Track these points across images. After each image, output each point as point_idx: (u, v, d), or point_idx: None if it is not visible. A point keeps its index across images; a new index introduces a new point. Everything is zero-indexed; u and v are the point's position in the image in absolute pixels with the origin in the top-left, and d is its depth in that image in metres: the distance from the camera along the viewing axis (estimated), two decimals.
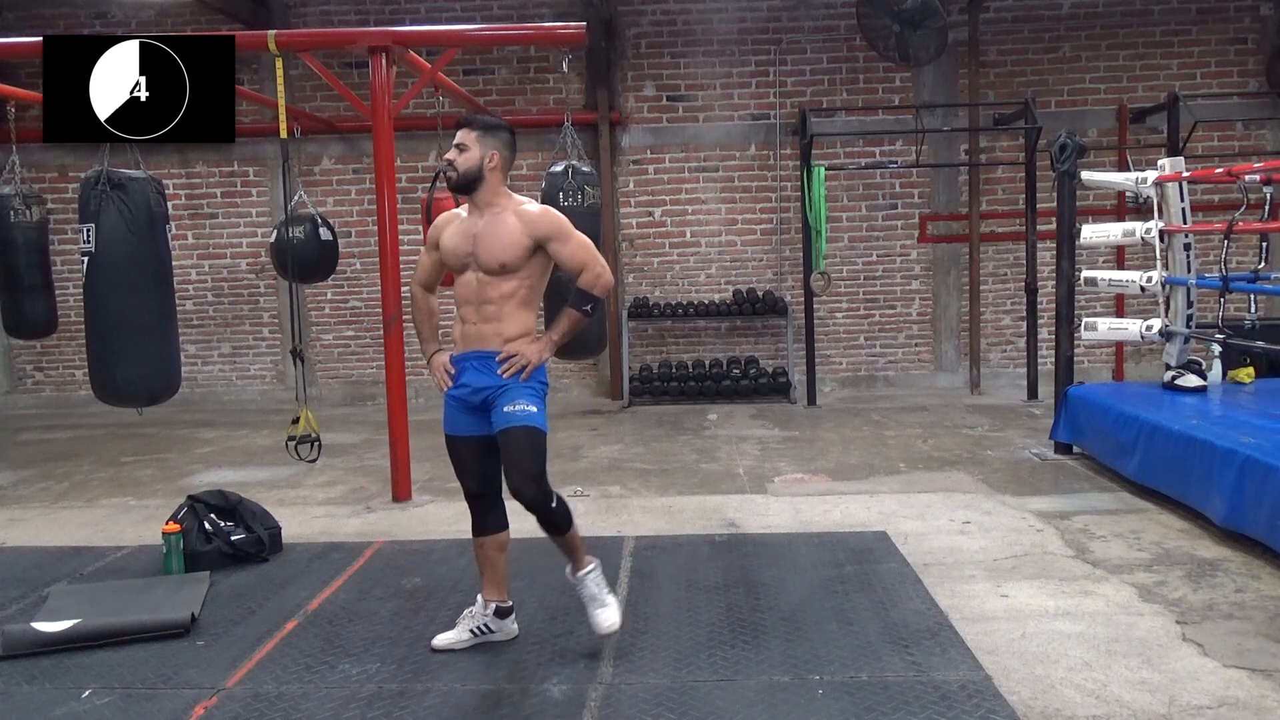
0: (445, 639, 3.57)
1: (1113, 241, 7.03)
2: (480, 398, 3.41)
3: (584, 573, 3.54)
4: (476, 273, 3.42)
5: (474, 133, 3.49)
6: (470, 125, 3.51)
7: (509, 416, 3.34)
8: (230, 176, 9.89)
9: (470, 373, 3.43)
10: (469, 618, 3.60)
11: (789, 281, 9.71)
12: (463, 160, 3.46)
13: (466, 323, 3.46)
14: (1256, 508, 4.32)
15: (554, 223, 3.45)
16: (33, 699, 3.24)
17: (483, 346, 3.41)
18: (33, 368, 10.17)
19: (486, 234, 3.41)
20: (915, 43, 8.47)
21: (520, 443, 3.33)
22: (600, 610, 3.50)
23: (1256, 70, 9.47)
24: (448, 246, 3.49)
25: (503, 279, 3.40)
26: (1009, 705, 3.01)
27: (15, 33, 8.64)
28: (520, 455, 3.33)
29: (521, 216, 3.44)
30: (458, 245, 3.46)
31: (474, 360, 3.42)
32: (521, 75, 9.70)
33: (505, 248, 3.38)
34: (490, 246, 3.39)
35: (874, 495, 5.70)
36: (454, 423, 3.49)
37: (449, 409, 3.50)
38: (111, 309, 5.13)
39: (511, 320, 3.43)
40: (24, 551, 4.98)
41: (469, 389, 3.42)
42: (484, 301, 3.42)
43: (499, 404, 3.36)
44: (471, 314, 3.45)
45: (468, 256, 3.42)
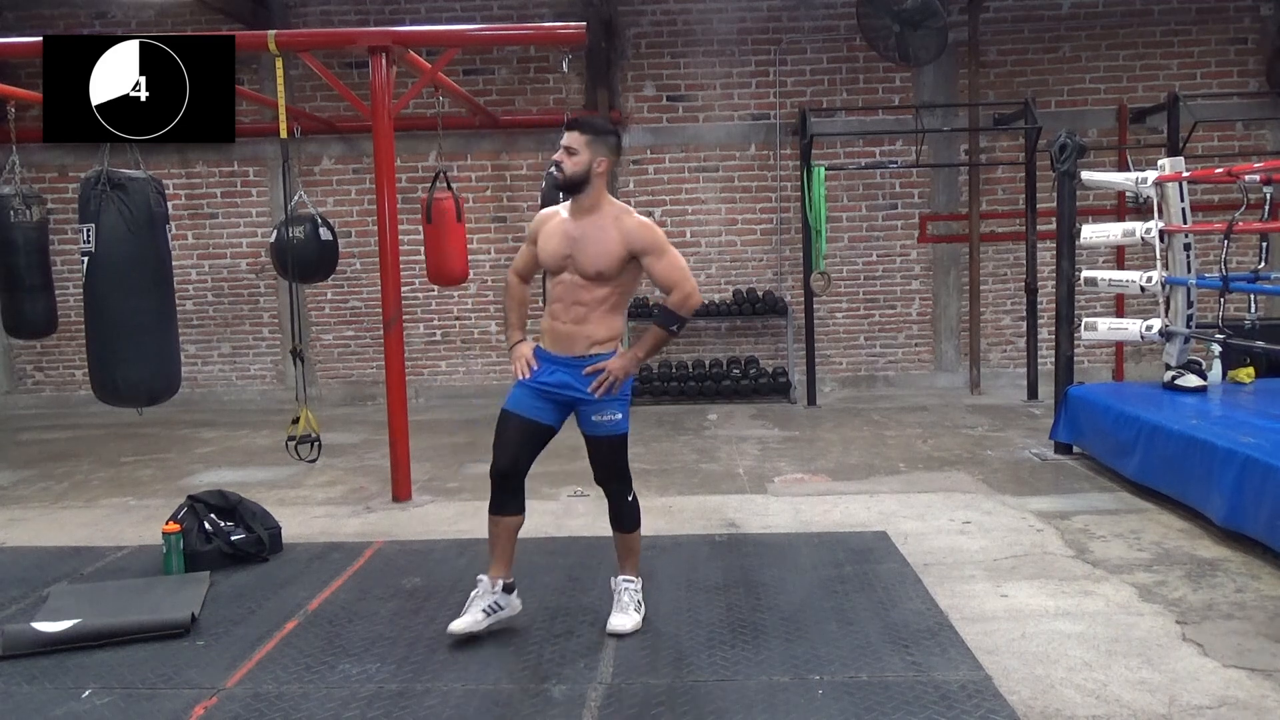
0: (462, 624, 3.58)
1: (1113, 241, 7.03)
2: (563, 395, 3.58)
3: (627, 580, 3.75)
4: (573, 275, 3.52)
5: (584, 137, 3.50)
6: (580, 129, 3.53)
7: (598, 426, 3.60)
8: (230, 176, 9.89)
9: (561, 373, 3.58)
10: (479, 599, 3.65)
11: (789, 281, 9.71)
12: (571, 164, 3.49)
13: (556, 319, 3.58)
14: (1256, 508, 4.32)
15: (651, 238, 3.53)
16: (33, 699, 3.24)
17: (571, 350, 3.55)
18: (33, 368, 10.17)
19: (586, 241, 3.50)
20: (915, 43, 8.47)
21: (610, 449, 3.65)
22: (620, 615, 3.67)
23: (1256, 70, 9.47)
24: (546, 247, 3.59)
25: (597, 285, 3.51)
26: (1009, 705, 3.01)
27: (15, 33, 8.64)
28: (609, 460, 3.67)
29: (621, 228, 3.51)
30: (557, 247, 3.55)
31: (565, 366, 3.57)
32: (521, 75, 9.70)
33: (603, 257, 3.48)
34: (589, 254, 3.48)
35: (874, 495, 5.70)
36: (519, 402, 3.61)
37: (521, 390, 3.62)
38: (111, 309, 5.13)
39: (600, 324, 3.55)
40: (24, 551, 4.98)
41: (554, 386, 3.58)
42: (576, 303, 3.53)
43: (588, 413, 3.59)
44: (562, 312, 3.56)
45: (565, 260, 3.53)
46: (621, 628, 3.61)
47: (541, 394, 3.58)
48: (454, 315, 9.93)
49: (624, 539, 3.75)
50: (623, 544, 3.76)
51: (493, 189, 9.79)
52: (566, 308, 3.54)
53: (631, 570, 3.77)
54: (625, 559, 3.77)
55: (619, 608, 3.69)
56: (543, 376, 3.59)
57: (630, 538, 3.74)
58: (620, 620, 3.64)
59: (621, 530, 3.74)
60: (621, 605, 3.69)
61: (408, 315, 8.86)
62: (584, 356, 3.54)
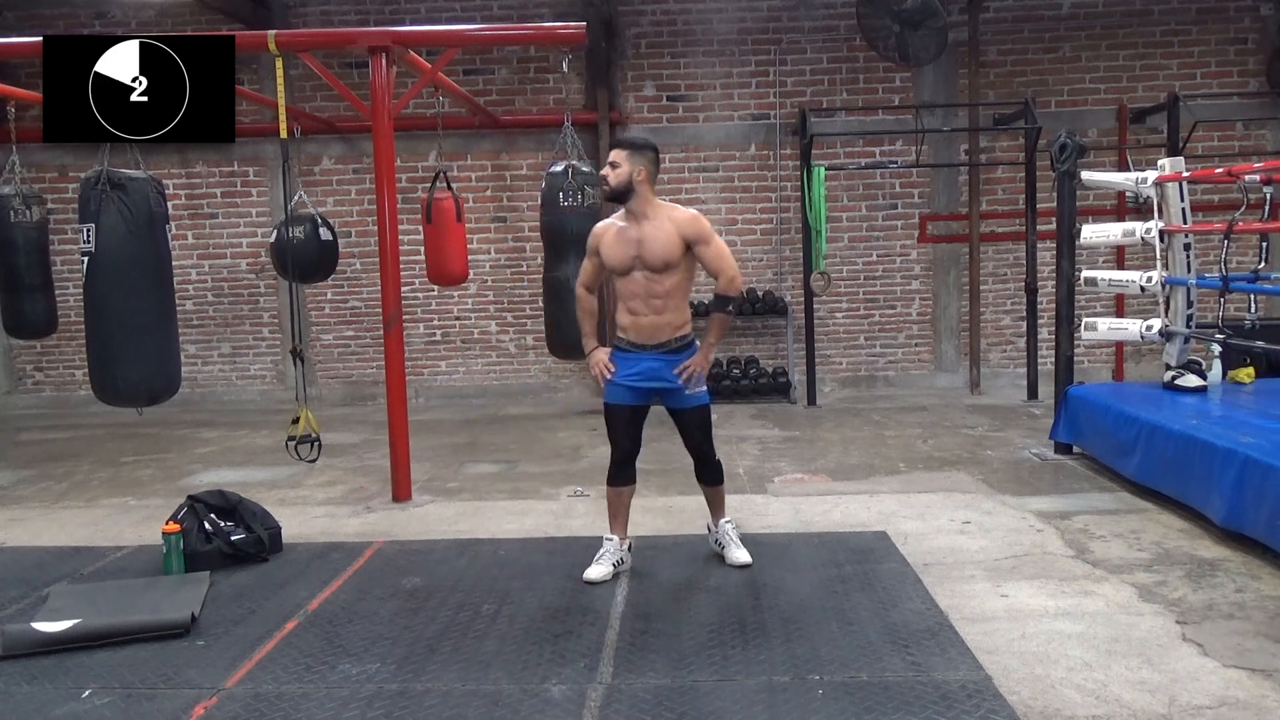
0: (596, 573, 4.24)
1: (1113, 241, 7.03)
2: (654, 384, 4.17)
3: (726, 520, 4.52)
4: (643, 272, 4.08)
5: (624, 152, 4.10)
6: (620, 145, 4.16)
7: (692, 399, 4.20)
8: (230, 176, 9.89)
9: (648, 362, 4.15)
10: (609, 554, 4.31)
11: (789, 281, 9.71)
12: (614, 176, 4.09)
13: (637, 314, 4.14)
14: (1256, 508, 4.32)
15: (701, 228, 4.12)
16: (33, 699, 3.24)
17: (656, 338, 4.14)
18: (33, 368, 10.17)
19: (649, 239, 4.07)
20: (915, 43, 8.47)
21: (703, 417, 4.29)
22: (738, 549, 4.41)
23: (1256, 70, 9.47)
24: (613, 253, 4.13)
25: (666, 275, 4.08)
26: (1009, 705, 3.01)
27: (15, 33, 8.63)
28: (703, 425, 4.31)
29: (675, 221, 4.10)
30: (623, 251, 4.11)
31: (653, 355, 4.15)
32: (521, 75, 9.70)
33: (666, 248, 4.05)
34: (654, 250, 4.06)
35: (874, 495, 5.70)
36: (620, 395, 4.21)
37: (616, 386, 4.20)
38: (111, 309, 5.13)
39: (675, 311, 4.16)
40: (24, 551, 4.97)
41: (643, 377, 4.16)
42: (651, 296, 4.10)
43: (681, 390, 4.15)
44: (641, 307, 4.13)
45: (634, 260, 4.09)
46: (745, 559, 4.36)
47: (632, 388, 4.17)
48: (454, 315, 9.93)
49: (715, 491, 4.48)
50: (715, 495, 4.49)
51: (493, 189, 9.79)
52: (644, 302, 4.11)
53: (723, 512, 4.54)
54: (719, 505, 4.52)
55: (734, 545, 4.42)
56: (631, 370, 4.16)
57: (720, 489, 4.51)
58: (740, 554, 4.38)
59: (714, 484, 4.46)
60: (734, 542, 4.44)
61: (408, 315, 8.86)
62: (668, 343, 4.14)
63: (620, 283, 4.16)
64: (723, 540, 4.48)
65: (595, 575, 4.24)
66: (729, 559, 4.39)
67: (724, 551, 4.45)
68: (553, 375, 9.93)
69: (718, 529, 4.52)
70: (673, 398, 4.20)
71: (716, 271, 4.11)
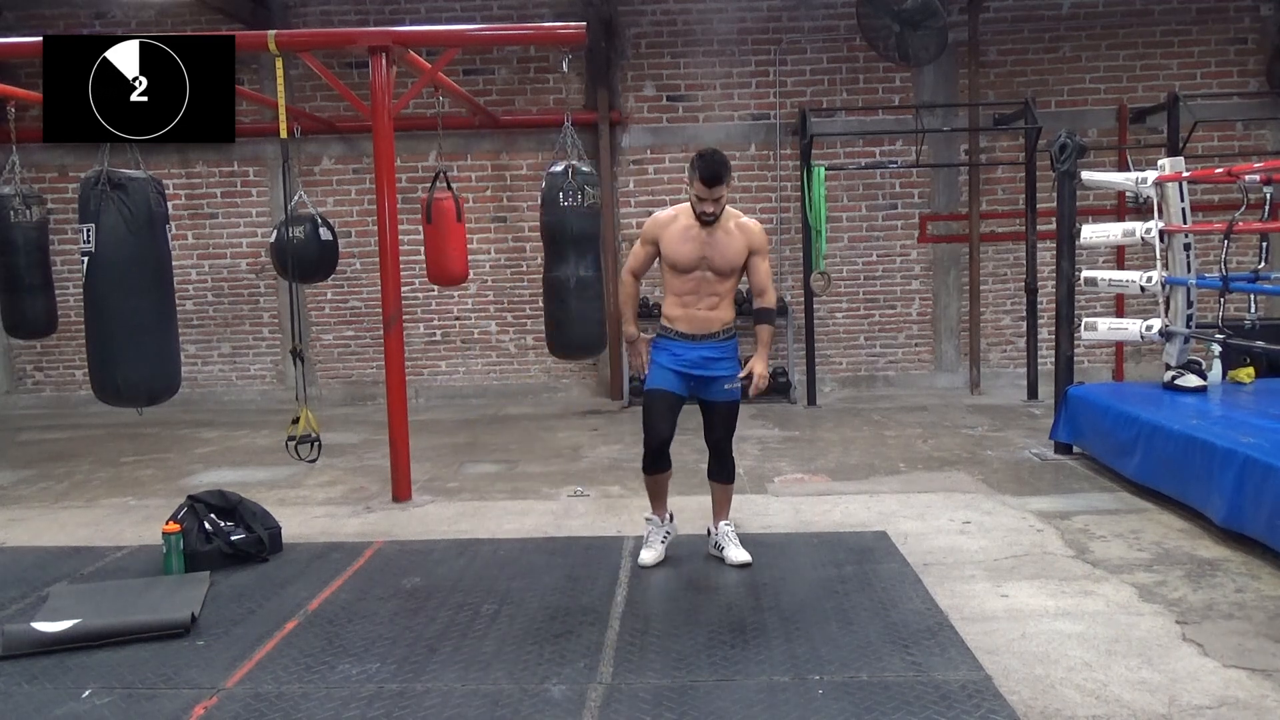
0: (650, 556, 4.44)
1: (1113, 241, 7.03)
2: (699, 371, 4.30)
3: (727, 523, 4.56)
4: (705, 273, 4.25)
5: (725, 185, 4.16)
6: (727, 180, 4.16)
7: (730, 392, 4.35)
8: (230, 176, 9.89)
9: (700, 351, 4.29)
10: (655, 535, 4.54)
11: (789, 281, 9.71)
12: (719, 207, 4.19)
13: (690, 307, 4.29)
14: (1256, 508, 4.32)
15: (764, 241, 4.36)
16: (33, 699, 3.24)
17: (708, 329, 4.30)
18: (33, 368, 10.17)
19: (720, 245, 4.23)
20: (915, 43, 8.47)
21: (732, 411, 4.43)
22: (738, 549, 4.43)
23: (1256, 70, 9.47)
24: (679, 251, 4.24)
25: (725, 279, 4.28)
26: (1009, 705, 3.01)
27: (15, 33, 8.63)
28: (730, 419, 4.44)
29: (745, 230, 4.29)
30: (691, 252, 4.23)
31: (705, 344, 4.31)
32: (521, 75, 9.70)
33: (735, 256, 4.25)
34: (725, 256, 4.24)
35: (874, 495, 5.70)
36: (664, 380, 4.33)
37: (663, 371, 4.33)
38: (111, 309, 5.12)
39: (727, 310, 4.34)
40: (24, 551, 4.98)
41: (692, 364, 4.29)
42: (711, 294, 4.28)
43: (721, 382, 4.32)
44: (696, 301, 4.28)
45: (701, 261, 4.23)
46: (744, 558, 4.38)
47: (678, 373, 4.30)
48: (454, 315, 9.93)
49: (726, 489, 4.58)
50: (724, 493, 4.58)
51: (493, 189, 9.79)
52: (700, 298, 4.27)
53: (727, 514, 4.59)
54: (725, 505, 4.59)
55: (732, 543, 4.45)
56: (683, 355, 4.29)
57: (730, 487, 4.61)
58: (740, 553, 4.40)
59: (726, 480, 4.56)
60: (735, 542, 4.46)
61: (408, 315, 8.86)
62: (718, 334, 4.30)
63: (675, 278, 4.29)
64: (722, 542, 4.49)
65: (649, 559, 4.41)
66: (729, 558, 4.41)
67: (723, 553, 4.46)
68: (553, 375, 9.93)
69: (718, 531, 4.54)
70: (710, 389, 4.33)
71: (763, 288, 4.34)
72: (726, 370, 4.33)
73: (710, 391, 4.35)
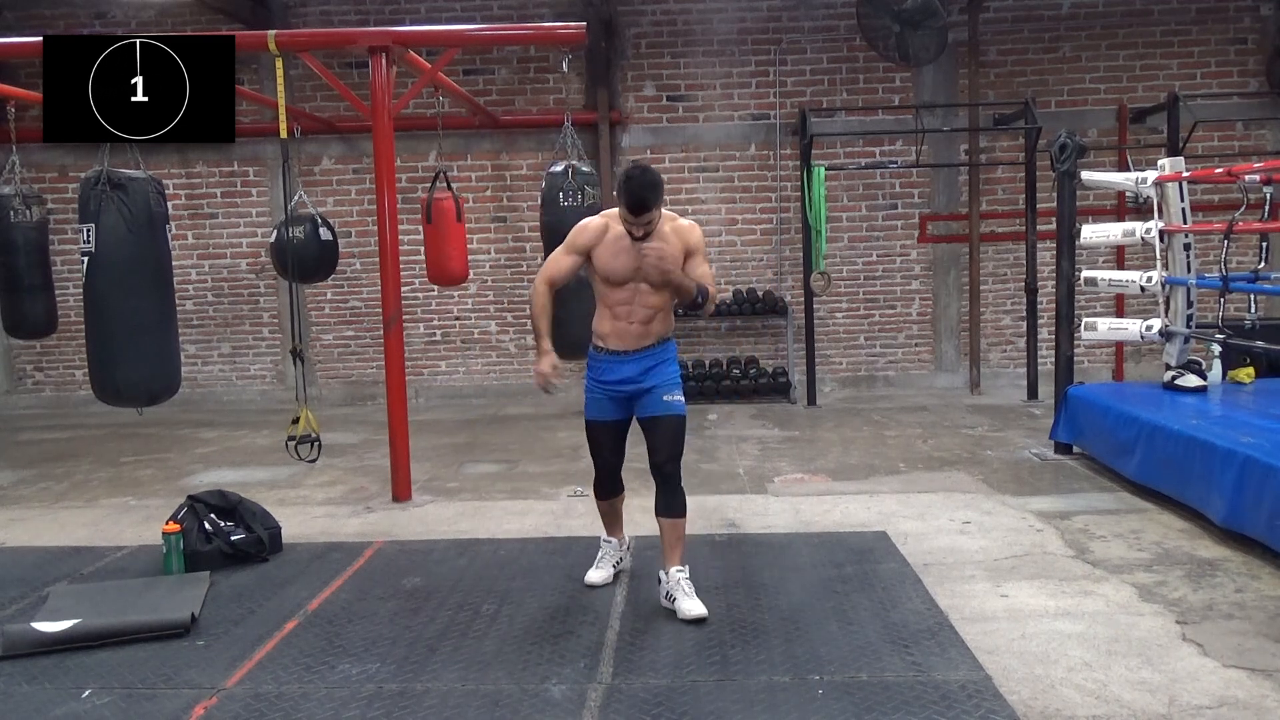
0: (597, 576, 4.21)
1: (1113, 241, 7.02)
2: (632, 387, 3.91)
3: (680, 569, 3.89)
4: (640, 285, 3.82)
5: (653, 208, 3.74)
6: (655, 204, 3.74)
7: (668, 405, 3.90)
8: (230, 176, 9.89)
9: (629, 367, 3.90)
10: (608, 556, 4.27)
11: (789, 281, 9.71)
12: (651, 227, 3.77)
13: (622, 320, 3.89)
14: (1256, 508, 4.32)
15: (700, 238, 3.93)
16: (33, 699, 3.24)
17: (642, 343, 3.90)
18: (33, 368, 10.17)
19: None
20: (915, 43, 8.47)
21: (676, 426, 3.91)
22: (690, 600, 3.79)
23: (1256, 70, 9.47)
24: (612, 264, 3.83)
25: (661, 291, 3.82)
26: (1009, 705, 3.01)
27: (15, 33, 8.64)
28: (675, 437, 3.91)
29: (678, 232, 3.87)
30: (625, 264, 3.80)
31: (633, 360, 3.90)
32: (521, 75, 9.70)
33: (672, 262, 3.74)
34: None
35: (874, 495, 5.70)
36: (600, 410, 4.01)
37: (598, 398, 3.99)
38: (111, 309, 5.13)
39: (664, 322, 3.96)
40: (24, 551, 4.97)
41: (620, 382, 3.92)
42: (645, 306, 3.87)
43: (657, 393, 3.90)
44: (628, 314, 3.89)
45: (636, 272, 3.78)
46: (699, 611, 3.73)
47: (612, 396, 3.95)
48: (454, 315, 9.93)
49: (676, 525, 3.91)
50: (675, 531, 3.91)
51: (493, 189, 9.79)
52: (633, 310, 3.87)
53: (680, 559, 3.92)
54: (676, 547, 3.91)
55: (685, 594, 3.80)
56: (608, 377, 3.94)
57: (682, 522, 3.94)
58: (693, 605, 3.76)
59: (675, 515, 3.91)
60: (685, 593, 3.81)
61: (408, 315, 8.86)
62: (651, 347, 3.91)
63: (608, 289, 3.89)
64: (673, 592, 3.84)
65: (596, 579, 4.20)
66: (682, 611, 3.75)
67: (675, 604, 3.81)
68: None
69: (668, 578, 3.88)
70: (647, 403, 3.90)
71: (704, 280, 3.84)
72: (664, 377, 3.90)
73: (648, 405, 3.89)
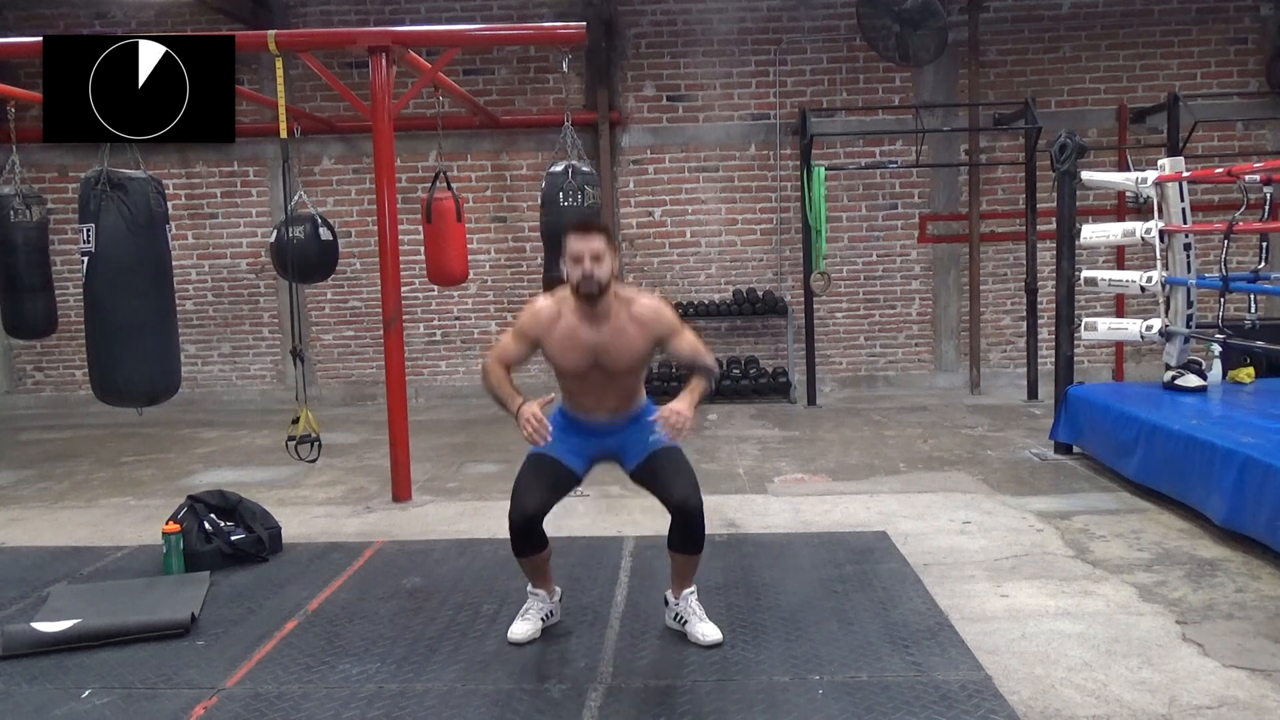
0: (522, 630, 3.62)
1: (1113, 241, 7.02)
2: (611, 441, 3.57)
3: (689, 592, 3.64)
4: (600, 375, 3.47)
5: (605, 239, 3.39)
6: (602, 231, 3.43)
7: (659, 439, 3.40)
8: (230, 176, 9.89)
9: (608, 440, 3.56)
10: (534, 609, 3.68)
11: (789, 281, 9.71)
12: (603, 270, 3.35)
13: (589, 410, 3.54)
14: (1256, 508, 4.32)
15: (670, 322, 3.48)
16: (33, 699, 3.24)
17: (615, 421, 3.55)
18: (33, 368, 10.17)
19: (614, 345, 3.43)
20: (915, 43, 8.47)
21: (681, 459, 3.51)
22: (706, 624, 3.58)
23: (1256, 70, 9.47)
24: (565, 358, 3.47)
25: (626, 376, 3.51)
26: (1009, 705, 3.01)
27: (15, 33, 8.64)
28: (685, 469, 3.49)
29: (640, 322, 3.44)
30: (580, 359, 3.45)
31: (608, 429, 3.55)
32: (521, 75, 9.70)
33: (633, 355, 3.45)
34: (621, 358, 3.44)
35: (874, 495, 5.70)
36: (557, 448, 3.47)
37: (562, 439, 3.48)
38: (111, 309, 5.12)
39: (633, 398, 3.58)
40: (24, 551, 4.97)
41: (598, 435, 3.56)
42: (611, 393, 3.52)
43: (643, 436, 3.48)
44: (596, 404, 3.53)
45: (592, 366, 3.45)
46: (715, 637, 3.52)
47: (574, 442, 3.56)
48: (454, 315, 9.93)
49: (691, 560, 3.56)
50: (689, 565, 3.57)
51: (493, 189, 9.79)
52: (600, 399, 3.52)
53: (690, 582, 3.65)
54: (687, 576, 3.62)
55: (700, 618, 3.58)
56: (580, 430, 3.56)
57: (698, 559, 3.58)
58: (712, 630, 3.54)
59: (693, 551, 3.51)
60: (701, 614, 3.60)
61: (408, 315, 8.86)
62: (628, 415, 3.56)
63: (569, 383, 3.56)
64: (685, 614, 3.61)
65: (521, 634, 3.59)
66: (698, 636, 3.53)
67: (686, 627, 3.59)
68: (552, 375, 9.85)
69: (679, 602, 3.63)
70: (633, 452, 3.53)
71: (694, 358, 3.47)
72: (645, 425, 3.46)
73: (637, 449, 3.52)
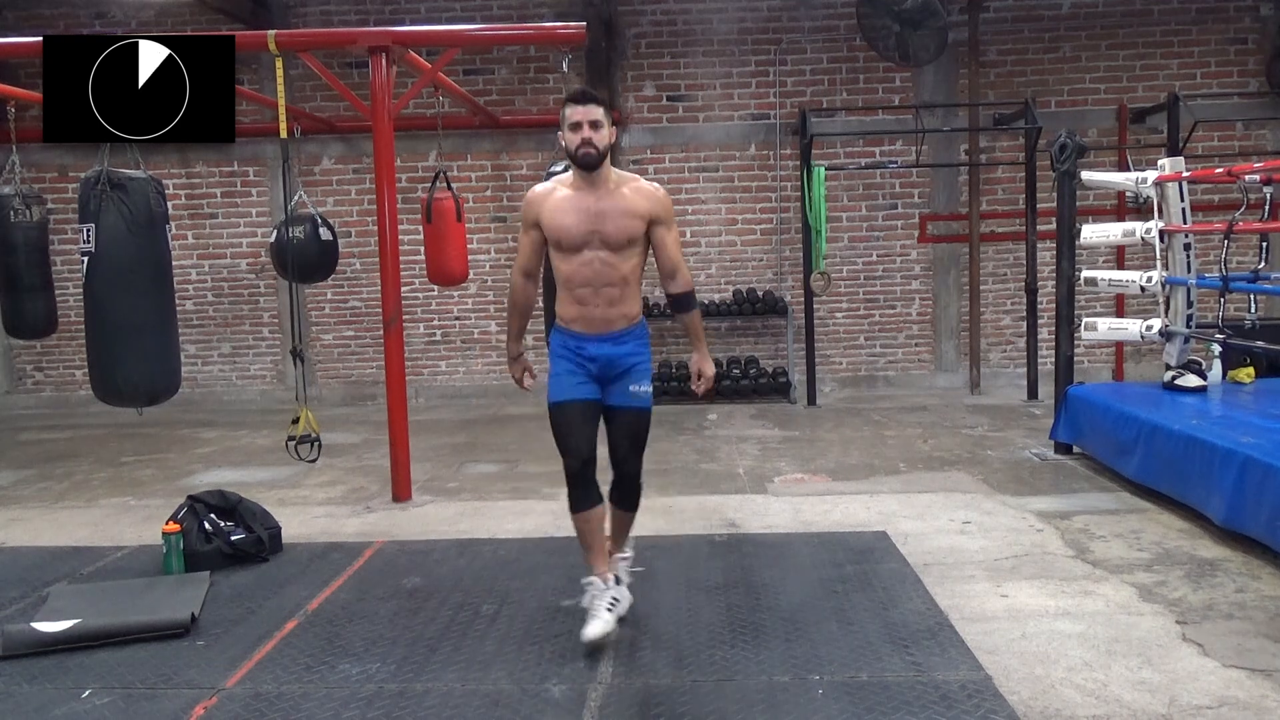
0: (596, 629, 3.47)
1: (1113, 241, 7.02)
2: (602, 365, 3.56)
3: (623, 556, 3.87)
4: (598, 252, 3.46)
5: (602, 108, 3.46)
6: (600, 102, 3.49)
7: (634, 397, 3.57)
8: (230, 176, 9.89)
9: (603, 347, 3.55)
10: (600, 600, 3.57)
11: (789, 281, 9.71)
12: (600, 138, 3.42)
13: (587, 305, 3.53)
14: (1256, 508, 4.32)
15: (669, 207, 3.56)
16: (33, 699, 3.24)
17: (610, 329, 3.55)
18: (33, 368, 10.17)
19: (611, 211, 3.45)
20: (915, 43, 8.47)
21: (640, 421, 3.63)
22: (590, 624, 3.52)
23: (1256, 70, 9.47)
24: (564, 224, 3.48)
25: (625, 256, 3.48)
26: (1009, 705, 3.01)
27: (15, 33, 8.64)
28: (638, 432, 3.63)
29: (641, 193, 3.51)
30: (576, 223, 3.46)
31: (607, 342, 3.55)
32: (521, 75, 9.70)
33: (631, 223, 3.46)
34: (618, 224, 3.45)
35: (874, 495, 5.70)
36: (569, 388, 3.55)
37: (563, 378, 3.56)
38: (111, 309, 5.12)
39: (631, 301, 3.57)
40: (24, 551, 4.98)
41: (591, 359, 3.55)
42: (606, 284, 3.50)
43: (624, 382, 3.57)
44: (592, 296, 3.51)
45: (590, 235, 3.45)
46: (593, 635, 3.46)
47: (583, 365, 3.56)
48: (454, 315, 9.93)
49: (627, 517, 3.83)
50: (625, 521, 3.84)
51: (493, 189, 9.79)
52: (596, 291, 3.50)
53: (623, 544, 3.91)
54: (625, 534, 3.89)
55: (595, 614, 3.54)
56: (590, 351, 3.55)
57: (632, 518, 3.85)
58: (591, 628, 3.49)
59: (628, 509, 3.79)
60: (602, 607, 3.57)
61: (408, 315, 8.86)
62: (624, 330, 3.58)
63: (565, 265, 3.53)
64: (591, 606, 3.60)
65: (595, 633, 3.46)
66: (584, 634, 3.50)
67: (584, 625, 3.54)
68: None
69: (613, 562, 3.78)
70: (614, 391, 3.58)
71: (673, 264, 3.57)
72: (634, 363, 3.58)
73: (614, 394, 3.57)
